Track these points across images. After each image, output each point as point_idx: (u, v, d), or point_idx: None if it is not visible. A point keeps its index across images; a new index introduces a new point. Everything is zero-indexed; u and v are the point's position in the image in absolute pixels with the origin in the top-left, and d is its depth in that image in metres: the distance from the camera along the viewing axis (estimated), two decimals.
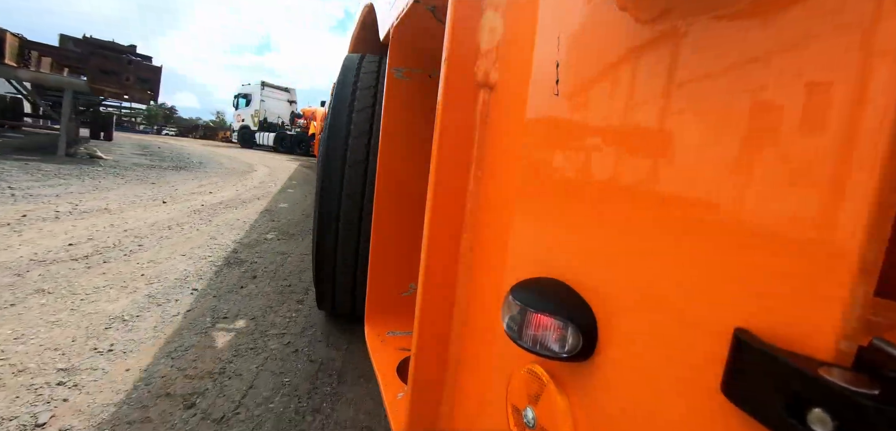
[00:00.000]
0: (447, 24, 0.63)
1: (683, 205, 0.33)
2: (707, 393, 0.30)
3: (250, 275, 2.73)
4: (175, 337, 1.83)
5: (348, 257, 1.59)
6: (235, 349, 1.79)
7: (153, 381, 1.51)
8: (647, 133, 0.37)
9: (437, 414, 0.71)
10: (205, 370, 1.62)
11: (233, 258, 3.03)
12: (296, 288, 2.60)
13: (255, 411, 1.43)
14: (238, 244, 3.41)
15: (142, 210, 4.16)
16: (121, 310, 2.00)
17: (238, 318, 2.09)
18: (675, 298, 0.33)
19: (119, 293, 2.20)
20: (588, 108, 0.45)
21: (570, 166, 0.47)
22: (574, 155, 0.47)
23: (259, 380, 1.60)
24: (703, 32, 0.33)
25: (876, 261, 0.23)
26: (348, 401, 1.56)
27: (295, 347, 1.88)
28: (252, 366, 1.68)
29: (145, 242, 3.14)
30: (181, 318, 2.02)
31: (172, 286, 2.39)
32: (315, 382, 1.64)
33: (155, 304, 2.12)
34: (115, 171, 6.61)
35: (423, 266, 0.67)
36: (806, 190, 0.26)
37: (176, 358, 1.67)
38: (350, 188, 1.53)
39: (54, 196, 4.20)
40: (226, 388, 1.53)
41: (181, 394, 1.46)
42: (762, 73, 0.29)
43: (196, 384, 1.53)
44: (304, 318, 2.18)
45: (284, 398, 1.52)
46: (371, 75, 1.60)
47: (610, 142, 0.42)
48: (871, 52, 0.23)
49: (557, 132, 0.49)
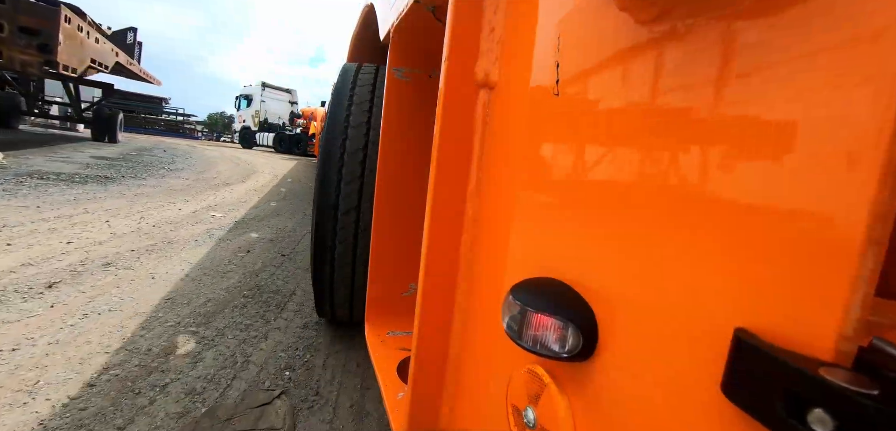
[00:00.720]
0: (447, 24, 0.63)
1: (683, 205, 0.33)
2: (707, 393, 0.30)
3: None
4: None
5: (346, 265, 1.58)
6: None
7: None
8: (647, 133, 0.37)
9: (437, 414, 0.71)
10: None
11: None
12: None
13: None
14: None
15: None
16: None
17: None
18: (675, 298, 0.33)
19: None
20: (588, 108, 0.45)
21: (571, 166, 0.47)
22: (574, 155, 0.47)
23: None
24: (702, 33, 0.33)
25: (876, 261, 0.23)
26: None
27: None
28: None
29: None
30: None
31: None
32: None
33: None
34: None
35: (423, 266, 0.67)
36: (806, 190, 0.26)
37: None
38: (346, 205, 1.52)
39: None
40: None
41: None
42: (762, 73, 0.29)
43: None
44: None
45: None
46: (366, 88, 1.60)
47: (610, 142, 0.42)
48: (870, 52, 0.23)
49: (557, 132, 0.50)
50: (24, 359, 1.46)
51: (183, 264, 2.64)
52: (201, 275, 2.49)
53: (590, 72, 0.45)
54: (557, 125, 0.50)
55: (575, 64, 0.47)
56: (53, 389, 1.33)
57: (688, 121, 0.34)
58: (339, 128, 1.54)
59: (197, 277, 2.45)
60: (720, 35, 0.32)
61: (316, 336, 1.94)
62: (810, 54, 0.26)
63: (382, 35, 1.31)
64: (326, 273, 1.62)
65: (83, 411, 1.26)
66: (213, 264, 2.72)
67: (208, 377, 1.51)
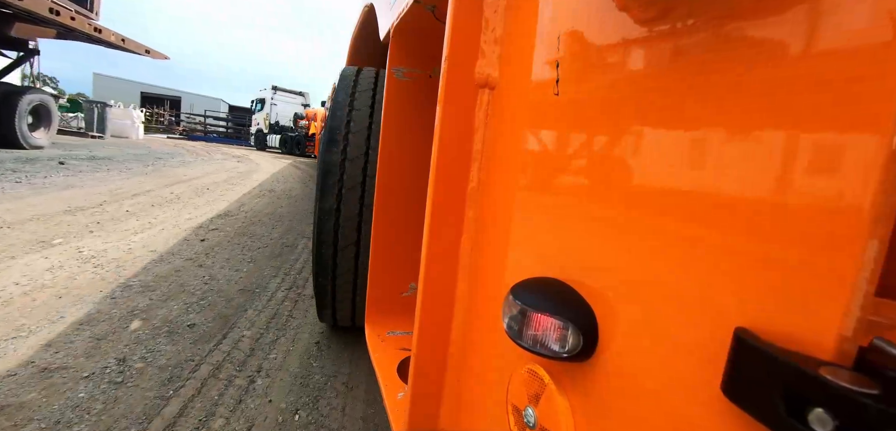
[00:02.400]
0: (447, 24, 0.63)
1: (684, 205, 0.33)
2: (708, 393, 0.30)
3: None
4: None
5: (348, 268, 1.58)
6: None
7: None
8: (647, 133, 0.37)
9: (437, 414, 0.71)
10: None
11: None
12: None
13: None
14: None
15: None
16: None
17: None
18: (675, 297, 0.33)
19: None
20: (588, 108, 0.45)
21: (571, 166, 0.47)
22: (574, 155, 0.47)
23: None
24: (702, 32, 0.33)
25: (876, 261, 0.23)
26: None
27: None
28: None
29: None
30: None
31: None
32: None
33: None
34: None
35: (423, 266, 0.67)
36: (806, 190, 0.26)
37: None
38: (348, 211, 1.52)
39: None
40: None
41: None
42: (762, 73, 0.29)
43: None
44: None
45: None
46: (367, 94, 1.60)
47: (610, 142, 0.42)
48: (870, 52, 0.23)
49: (557, 132, 0.50)
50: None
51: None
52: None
53: (590, 72, 0.45)
54: (557, 125, 0.50)
55: (575, 64, 0.47)
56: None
57: (688, 120, 0.34)
58: (339, 135, 1.54)
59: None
60: (720, 35, 0.32)
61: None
62: (810, 54, 0.26)
63: (382, 35, 1.31)
64: (328, 280, 1.62)
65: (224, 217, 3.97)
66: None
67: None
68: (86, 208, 3.74)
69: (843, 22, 0.25)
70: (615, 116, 0.41)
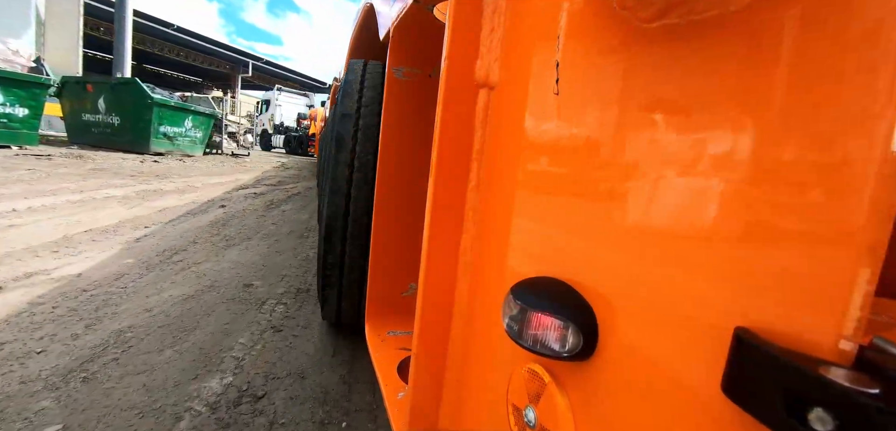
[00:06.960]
0: (447, 24, 0.63)
1: (684, 204, 0.33)
2: (707, 392, 0.30)
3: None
4: None
5: (355, 268, 1.56)
6: None
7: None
8: (648, 133, 0.37)
9: (437, 414, 0.71)
10: None
11: None
12: None
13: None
14: None
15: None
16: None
17: None
18: (675, 297, 0.33)
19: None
20: (588, 107, 0.45)
21: (571, 166, 0.47)
22: (574, 155, 0.46)
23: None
24: (703, 33, 0.33)
25: (876, 261, 0.23)
26: None
27: None
28: None
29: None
30: None
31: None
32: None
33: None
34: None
35: (423, 266, 0.67)
36: (806, 190, 0.26)
37: None
38: (357, 209, 1.51)
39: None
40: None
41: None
42: (763, 73, 0.29)
43: None
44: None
45: None
46: (376, 91, 1.58)
47: (610, 142, 0.42)
48: (870, 52, 0.23)
49: (558, 132, 0.49)
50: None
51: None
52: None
53: (590, 71, 0.45)
54: (558, 125, 0.50)
55: (575, 64, 0.47)
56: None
57: (688, 120, 0.34)
58: (348, 131, 1.52)
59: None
60: (720, 34, 0.32)
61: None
62: (809, 53, 0.26)
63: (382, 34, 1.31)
64: (334, 282, 1.60)
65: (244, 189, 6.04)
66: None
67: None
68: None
69: (842, 20, 0.25)
70: (615, 116, 0.41)
